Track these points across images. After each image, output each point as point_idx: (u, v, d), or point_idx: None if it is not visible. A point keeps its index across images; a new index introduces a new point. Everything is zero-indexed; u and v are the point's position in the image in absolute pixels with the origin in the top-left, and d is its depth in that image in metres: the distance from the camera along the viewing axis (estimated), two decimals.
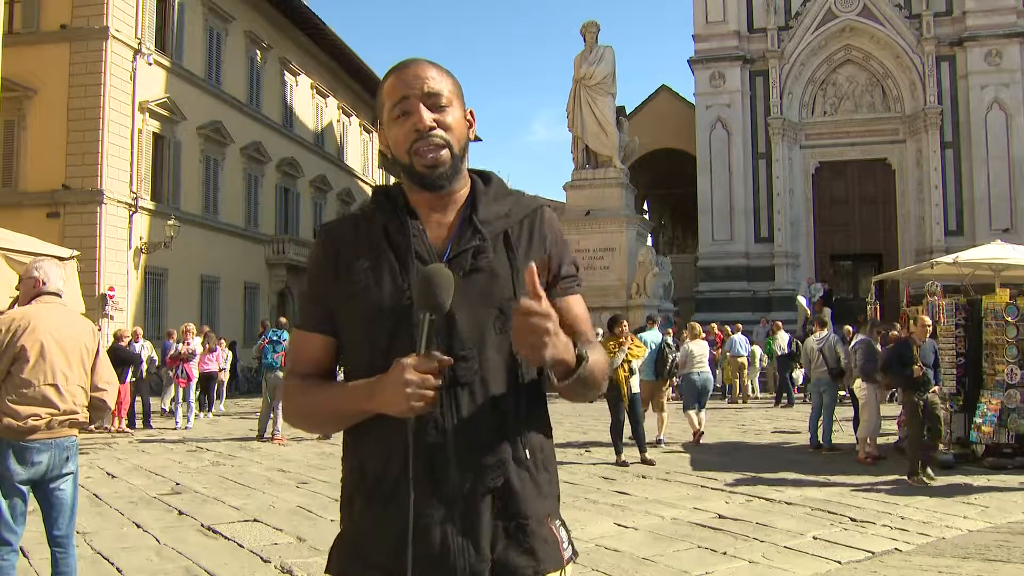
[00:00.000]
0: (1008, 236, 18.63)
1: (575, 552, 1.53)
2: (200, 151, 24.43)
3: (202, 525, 6.26)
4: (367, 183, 37.47)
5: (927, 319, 8.73)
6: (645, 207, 36.51)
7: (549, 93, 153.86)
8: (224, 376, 16.79)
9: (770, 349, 18.45)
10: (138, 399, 14.02)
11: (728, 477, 8.29)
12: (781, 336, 17.64)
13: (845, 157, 28.79)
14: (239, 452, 10.60)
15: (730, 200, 28.51)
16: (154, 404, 14.86)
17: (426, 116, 1.47)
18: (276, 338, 12.16)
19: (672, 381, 11.82)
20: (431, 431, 1.41)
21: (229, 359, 17.27)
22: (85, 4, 20.48)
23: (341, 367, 1.60)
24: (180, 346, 13.82)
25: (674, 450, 10.52)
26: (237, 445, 11.31)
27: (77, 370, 3.85)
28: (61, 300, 4.01)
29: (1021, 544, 5.65)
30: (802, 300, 22.76)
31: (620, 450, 9.28)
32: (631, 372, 9.39)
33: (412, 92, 1.48)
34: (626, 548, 5.49)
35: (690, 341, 11.44)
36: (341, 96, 34.53)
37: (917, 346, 8.32)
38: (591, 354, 1.44)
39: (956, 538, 5.88)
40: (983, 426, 8.96)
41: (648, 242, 27.51)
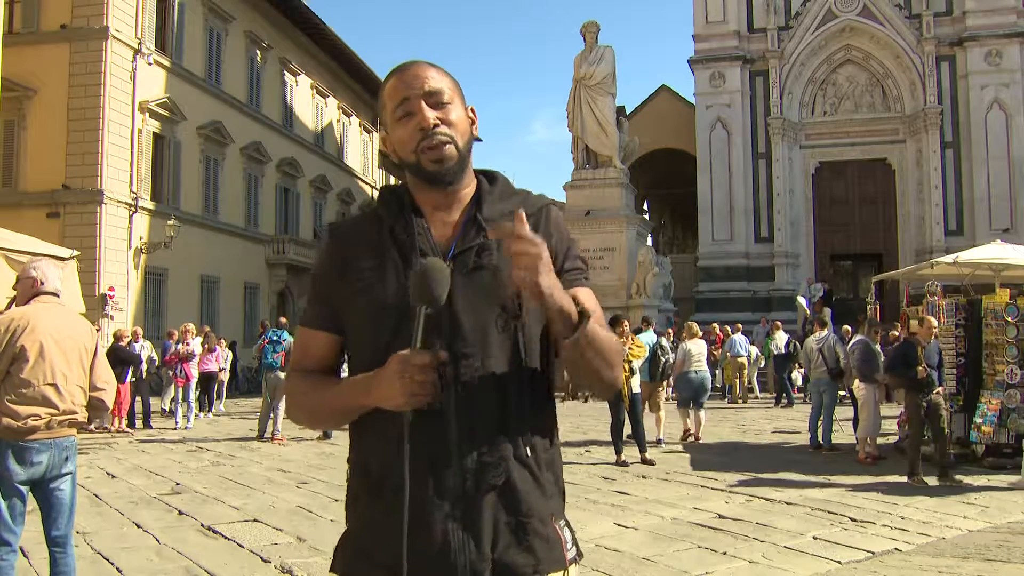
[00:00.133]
0: (1008, 236, 18.62)
1: (579, 553, 1.52)
2: (200, 151, 24.44)
3: (202, 525, 6.26)
4: (367, 183, 37.48)
5: (933, 320, 8.69)
6: (645, 207, 36.48)
7: (549, 93, 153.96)
8: (224, 376, 16.79)
9: (767, 349, 18.46)
10: (138, 399, 14.02)
11: (728, 477, 8.29)
12: (779, 336, 17.66)
13: (845, 157, 28.78)
14: (239, 452, 10.60)
15: (730, 200, 28.50)
16: (154, 404, 14.86)
17: (429, 114, 1.48)
18: (276, 338, 12.15)
19: (668, 381, 11.89)
20: (432, 429, 1.41)
21: (229, 359, 17.28)
22: (85, 4, 20.49)
23: (347, 366, 1.61)
24: (179, 346, 13.83)
25: (674, 450, 10.53)
26: (237, 445, 11.31)
27: (76, 370, 3.84)
28: (59, 300, 4.00)
29: (1021, 544, 5.65)
30: (802, 300, 22.74)
31: (620, 450, 9.28)
32: (631, 372, 9.42)
33: (413, 92, 1.49)
34: (626, 548, 5.50)
35: (687, 341, 11.57)
36: (341, 96, 34.54)
37: (922, 347, 8.29)
38: (594, 315, 1.41)
39: (956, 538, 5.89)
40: (983, 426, 8.96)
41: (648, 242, 27.51)
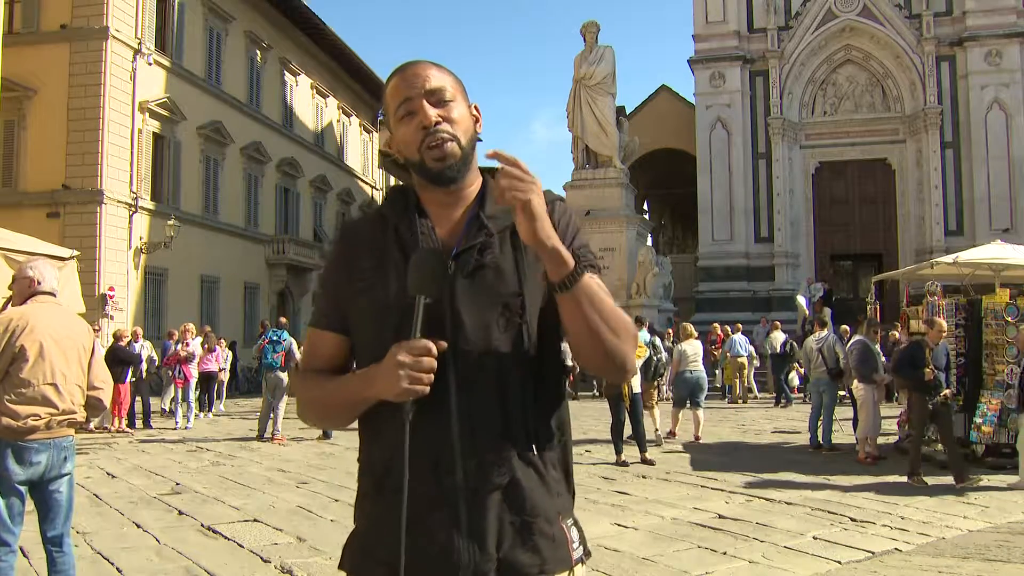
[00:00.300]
0: (1008, 236, 18.61)
1: (587, 552, 1.52)
2: (200, 151, 24.44)
3: (202, 525, 6.26)
4: (367, 183, 37.48)
5: (943, 323, 8.63)
6: (645, 207, 36.46)
7: (549, 93, 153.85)
8: (224, 376, 16.80)
9: (763, 349, 18.47)
10: (138, 399, 14.02)
11: (728, 477, 8.30)
12: (775, 336, 17.70)
13: (845, 157, 28.76)
14: (239, 452, 10.60)
15: (730, 200, 28.48)
16: (154, 404, 14.86)
17: (431, 112, 1.48)
18: (276, 338, 12.14)
19: (661, 381, 12.00)
20: (435, 428, 1.41)
21: (229, 359, 17.28)
22: (85, 4, 20.50)
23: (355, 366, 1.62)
24: (179, 347, 13.83)
25: (674, 450, 10.53)
26: (237, 445, 11.30)
27: (75, 369, 3.84)
28: (56, 299, 3.99)
29: (1021, 544, 5.66)
30: (801, 300, 22.72)
31: (620, 450, 9.29)
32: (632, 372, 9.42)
33: (415, 91, 1.50)
34: (626, 548, 5.49)
35: (683, 342, 11.80)
36: (341, 96, 34.54)
37: (930, 349, 8.23)
38: (591, 270, 1.41)
39: (956, 538, 5.89)
40: (983, 426, 8.95)
41: (648, 242, 27.48)
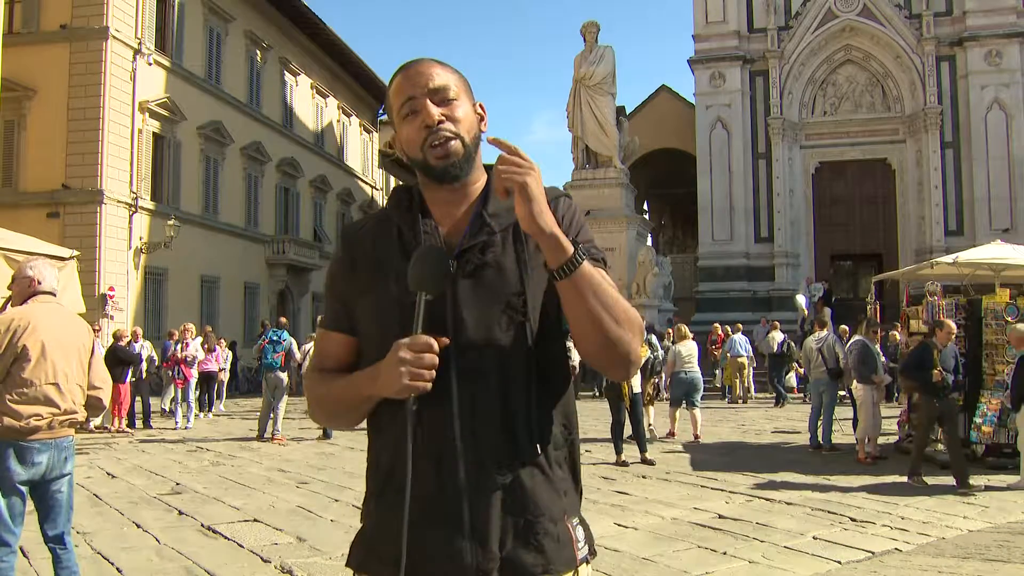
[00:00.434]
0: (1008, 236, 18.58)
1: (592, 552, 1.52)
2: (200, 151, 24.43)
3: (202, 525, 6.26)
4: (367, 183, 37.48)
5: (953, 325, 8.57)
6: (645, 207, 36.47)
7: (549, 93, 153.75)
8: (224, 376, 16.80)
9: (759, 349, 18.48)
10: (138, 399, 14.02)
11: (728, 477, 8.30)
12: (772, 336, 17.71)
13: (845, 157, 28.74)
14: (239, 452, 10.60)
15: (730, 200, 28.46)
16: (154, 404, 14.86)
17: (433, 111, 1.48)
18: (276, 338, 12.14)
19: (653, 380, 12.05)
20: (438, 427, 1.41)
21: (229, 359, 17.28)
22: (85, 4, 20.49)
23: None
24: (179, 347, 13.84)
25: (674, 450, 10.53)
26: (237, 445, 11.30)
27: (76, 369, 3.85)
28: (56, 299, 3.99)
29: (1021, 544, 5.66)
30: (800, 300, 22.71)
31: (620, 450, 9.29)
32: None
33: (418, 90, 1.50)
34: (626, 548, 5.49)
35: (677, 343, 11.90)
36: (341, 96, 34.53)
37: (938, 350, 8.19)
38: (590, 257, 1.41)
39: (956, 538, 5.89)
40: (983, 426, 8.96)
41: (648, 242, 27.50)
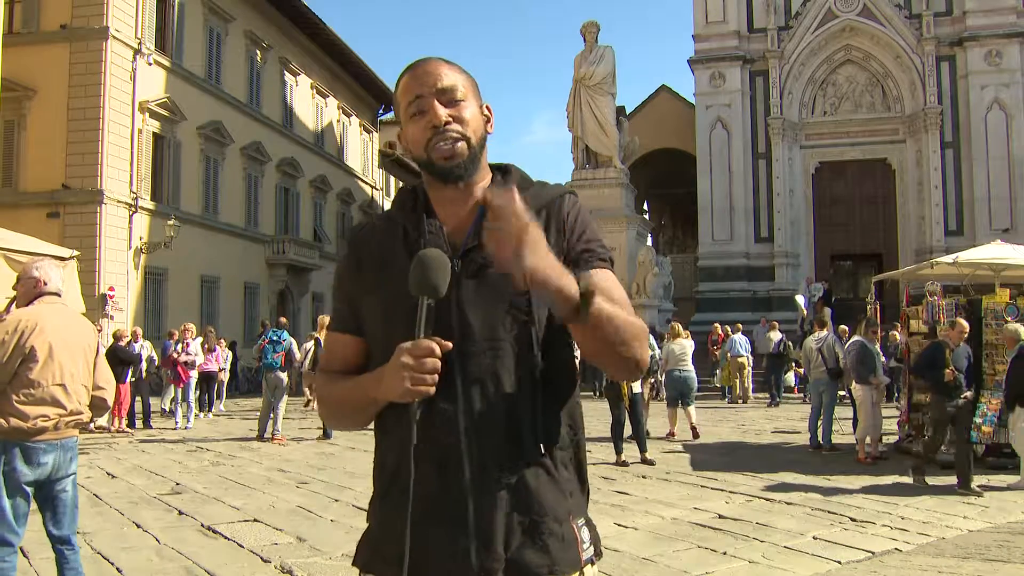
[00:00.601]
0: (1008, 236, 18.57)
1: (598, 553, 1.52)
2: (200, 151, 24.43)
3: (202, 525, 6.26)
4: (367, 183, 37.48)
5: (965, 324, 8.49)
6: (645, 207, 36.47)
7: (549, 93, 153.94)
8: (224, 376, 16.79)
9: (759, 349, 18.51)
10: (138, 399, 14.02)
11: (728, 477, 8.30)
12: (770, 336, 17.73)
13: (845, 157, 28.73)
14: (239, 452, 10.60)
15: (730, 200, 28.45)
16: (154, 404, 14.86)
17: (440, 112, 1.48)
18: (276, 338, 12.13)
19: (650, 381, 12.10)
20: (442, 428, 1.41)
21: (229, 359, 17.27)
22: (85, 4, 20.49)
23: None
24: (178, 347, 13.84)
25: (674, 450, 10.53)
26: (237, 445, 11.30)
27: (82, 370, 3.86)
28: (61, 300, 4.01)
29: (1021, 544, 5.66)
30: (799, 299, 22.71)
31: (620, 450, 9.29)
32: None
33: (425, 89, 1.49)
34: (626, 548, 5.49)
35: (671, 341, 11.96)
36: (341, 96, 34.52)
37: (951, 350, 8.12)
38: (599, 289, 1.33)
39: (956, 538, 5.89)
40: (983, 426, 8.94)
41: (648, 242, 27.50)
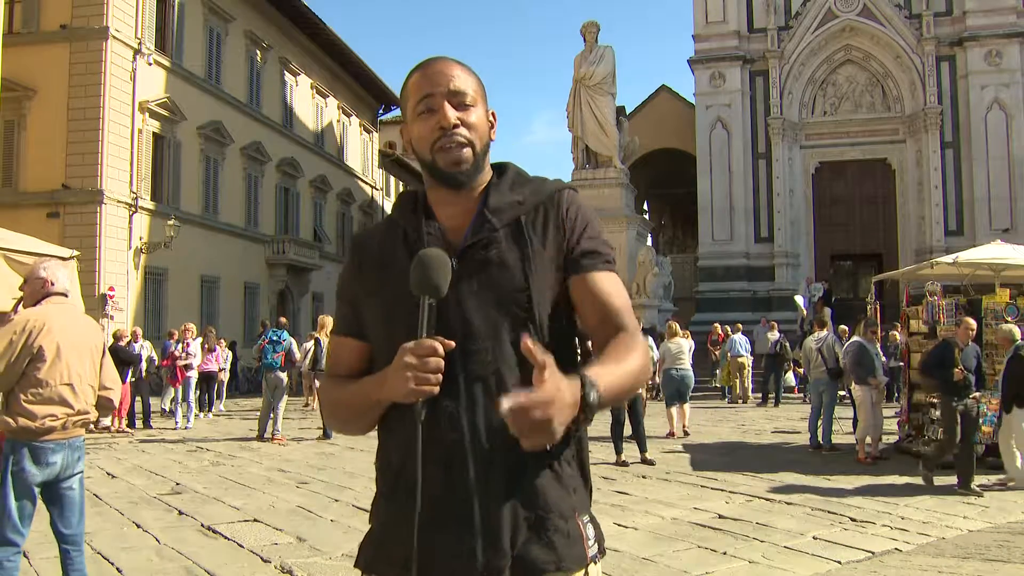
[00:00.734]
0: (1008, 236, 18.57)
1: (602, 551, 1.52)
2: (200, 151, 24.43)
3: (202, 525, 6.26)
4: (367, 183, 37.48)
5: (972, 322, 8.42)
6: (645, 207, 36.46)
7: (549, 93, 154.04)
8: (224, 376, 16.79)
9: (757, 349, 18.52)
10: (138, 399, 14.02)
11: (728, 477, 8.30)
12: (767, 336, 17.76)
13: (845, 157, 28.73)
14: (239, 452, 10.60)
15: (730, 200, 28.45)
16: (154, 404, 14.86)
17: (450, 114, 1.48)
18: (276, 338, 12.13)
19: (652, 379, 12.18)
20: (447, 426, 1.41)
21: (229, 359, 17.27)
22: (85, 4, 20.49)
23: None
24: (179, 347, 13.83)
25: (674, 450, 10.53)
26: (237, 445, 11.30)
27: (89, 370, 3.88)
28: (68, 300, 4.02)
29: (1021, 544, 5.66)
30: (799, 299, 22.71)
31: (620, 450, 9.29)
32: None
33: (437, 89, 1.49)
34: (626, 548, 5.49)
35: (668, 340, 12.06)
36: (341, 96, 34.52)
37: (959, 349, 8.05)
38: (601, 380, 1.33)
39: (956, 538, 5.89)
40: (983, 426, 8.94)
41: (648, 242, 27.48)
